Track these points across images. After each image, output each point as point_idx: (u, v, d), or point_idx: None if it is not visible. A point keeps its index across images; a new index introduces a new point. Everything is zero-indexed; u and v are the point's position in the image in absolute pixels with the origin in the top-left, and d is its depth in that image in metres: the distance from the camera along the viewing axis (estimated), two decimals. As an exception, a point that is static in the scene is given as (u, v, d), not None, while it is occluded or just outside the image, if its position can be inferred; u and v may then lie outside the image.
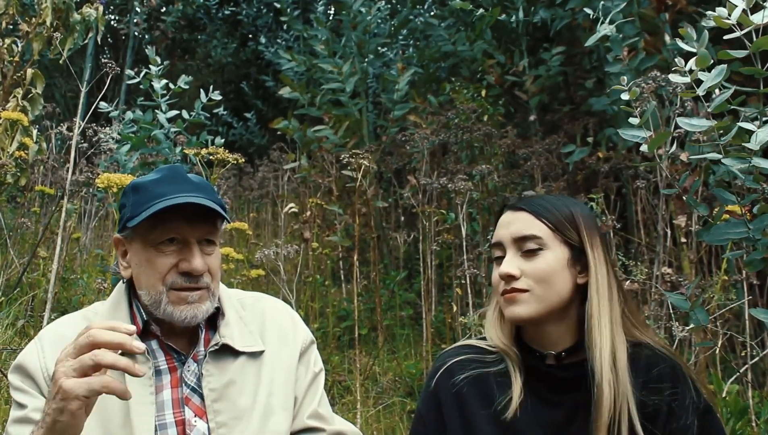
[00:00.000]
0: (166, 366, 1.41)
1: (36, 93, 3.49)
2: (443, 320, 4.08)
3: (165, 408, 1.37)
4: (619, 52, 3.84)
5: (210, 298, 1.41)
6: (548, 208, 1.38)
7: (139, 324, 1.41)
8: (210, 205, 1.36)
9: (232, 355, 1.44)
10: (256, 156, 8.12)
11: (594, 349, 1.31)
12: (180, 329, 1.43)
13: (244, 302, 1.55)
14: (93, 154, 4.74)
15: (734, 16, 1.61)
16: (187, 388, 1.40)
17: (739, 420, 2.60)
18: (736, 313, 3.14)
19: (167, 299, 1.37)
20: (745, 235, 1.71)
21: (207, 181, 1.48)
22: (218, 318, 1.47)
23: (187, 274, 1.37)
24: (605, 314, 1.32)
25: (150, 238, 1.38)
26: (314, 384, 1.54)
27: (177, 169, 1.45)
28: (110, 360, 1.08)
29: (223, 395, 1.40)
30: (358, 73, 5.70)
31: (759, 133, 1.57)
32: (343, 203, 5.27)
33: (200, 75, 9.47)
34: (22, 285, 3.59)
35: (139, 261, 1.40)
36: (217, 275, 1.45)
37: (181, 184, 1.39)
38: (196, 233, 1.39)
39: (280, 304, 1.62)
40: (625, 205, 4.65)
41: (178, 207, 1.34)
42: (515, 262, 1.37)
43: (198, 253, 1.38)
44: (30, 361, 1.36)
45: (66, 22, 3.55)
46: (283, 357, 1.50)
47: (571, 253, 1.36)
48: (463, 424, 1.39)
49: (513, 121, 5.61)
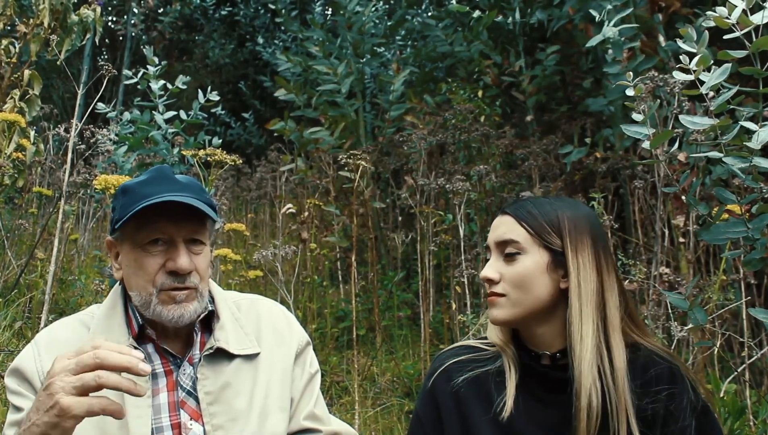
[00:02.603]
0: (162, 369, 1.41)
1: (33, 94, 3.48)
2: (441, 321, 4.08)
3: (161, 411, 1.37)
4: (620, 55, 3.84)
5: (198, 298, 1.40)
6: (532, 213, 1.37)
7: (135, 328, 1.41)
8: (194, 203, 1.35)
9: (227, 357, 1.44)
10: (254, 157, 8.12)
11: (573, 355, 1.30)
12: (175, 332, 1.43)
13: (240, 304, 1.55)
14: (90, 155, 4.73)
15: (734, 16, 1.61)
16: (183, 391, 1.40)
17: (737, 419, 2.61)
18: (734, 312, 3.14)
19: (157, 300, 1.37)
20: (744, 234, 1.72)
21: (196, 180, 1.47)
22: (213, 320, 1.47)
23: (173, 273, 1.37)
24: (588, 320, 1.31)
25: (137, 240, 1.38)
26: (310, 385, 1.54)
27: (164, 170, 1.44)
28: (114, 382, 1.06)
29: (218, 398, 1.40)
30: (354, 74, 5.70)
31: (760, 133, 1.57)
32: (340, 204, 5.26)
33: (198, 75, 9.46)
34: (20, 286, 3.59)
35: (129, 262, 1.40)
36: (206, 275, 1.44)
37: (168, 185, 1.39)
38: (181, 233, 1.38)
39: (276, 305, 1.62)
40: (623, 206, 4.65)
41: (164, 207, 1.34)
42: (496, 266, 1.38)
43: (184, 252, 1.38)
44: (26, 364, 1.36)
45: (63, 24, 3.54)
46: (278, 358, 1.50)
47: (551, 258, 1.35)
48: (461, 425, 1.39)
49: (510, 121, 5.61)
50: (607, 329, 1.33)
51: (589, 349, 1.29)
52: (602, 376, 1.30)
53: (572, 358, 1.30)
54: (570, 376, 1.30)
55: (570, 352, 1.31)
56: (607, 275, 1.36)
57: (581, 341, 1.30)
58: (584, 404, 1.27)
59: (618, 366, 1.30)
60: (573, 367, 1.30)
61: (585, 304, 1.32)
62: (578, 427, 1.28)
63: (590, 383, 1.28)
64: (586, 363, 1.29)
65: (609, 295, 1.35)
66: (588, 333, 1.30)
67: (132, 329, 1.41)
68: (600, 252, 1.37)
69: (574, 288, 1.33)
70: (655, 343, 1.41)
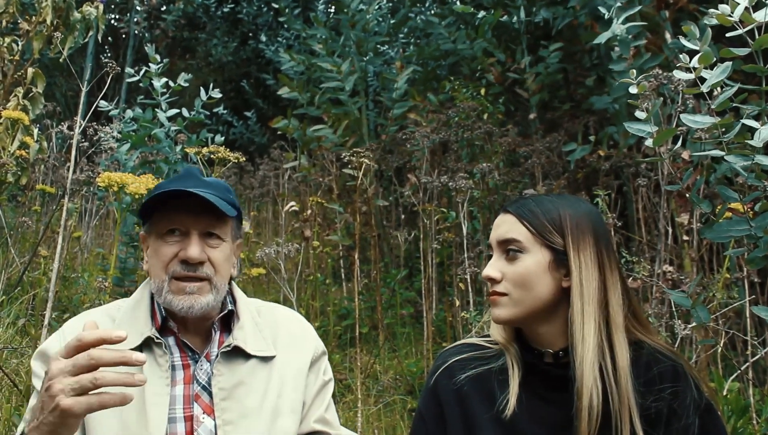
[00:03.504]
0: (180, 362, 1.46)
1: (37, 92, 3.48)
2: (444, 318, 4.07)
3: (176, 403, 1.42)
4: (627, 53, 3.84)
5: (212, 292, 1.46)
6: (533, 211, 1.37)
7: (158, 320, 1.47)
8: (209, 198, 1.41)
9: (244, 357, 1.49)
10: (256, 154, 8.12)
11: (575, 354, 1.30)
12: (195, 327, 1.50)
13: (261, 310, 1.62)
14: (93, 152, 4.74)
15: (737, 14, 1.61)
16: (198, 385, 1.45)
17: (740, 418, 2.60)
18: (737, 311, 3.13)
19: (168, 288, 1.44)
20: (747, 232, 1.71)
21: (223, 182, 1.56)
22: (233, 320, 1.53)
23: (185, 262, 1.44)
24: (590, 319, 1.30)
25: (158, 230, 1.47)
26: (323, 392, 1.59)
27: (192, 170, 1.55)
28: (111, 380, 1.09)
29: (231, 395, 1.44)
30: (357, 72, 5.69)
31: (762, 131, 1.57)
32: (343, 202, 5.26)
33: (200, 73, 9.46)
34: (23, 284, 3.59)
35: (151, 252, 1.49)
36: (222, 269, 1.49)
37: (192, 181, 1.48)
38: (198, 225, 1.46)
39: (295, 314, 1.68)
40: (626, 204, 4.65)
41: (184, 201, 1.42)
42: (498, 265, 1.38)
43: (197, 242, 1.45)
44: (52, 350, 1.41)
45: (66, 21, 3.54)
46: (293, 363, 1.55)
47: (553, 257, 1.34)
48: (463, 423, 1.39)
49: (513, 119, 5.60)
50: (609, 328, 1.32)
51: (591, 348, 1.29)
52: (604, 376, 1.30)
53: (574, 358, 1.30)
54: (571, 375, 1.30)
55: (571, 352, 1.31)
56: (609, 273, 1.35)
57: (583, 341, 1.30)
58: (585, 404, 1.27)
59: (621, 365, 1.30)
60: (574, 367, 1.29)
61: (587, 303, 1.31)
62: (579, 427, 1.28)
63: (591, 383, 1.27)
64: (588, 362, 1.28)
65: (611, 294, 1.34)
66: (590, 332, 1.30)
67: (156, 321, 1.48)
68: (602, 250, 1.36)
69: (575, 287, 1.32)
70: (659, 341, 1.40)
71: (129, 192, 2.76)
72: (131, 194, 2.77)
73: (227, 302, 1.54)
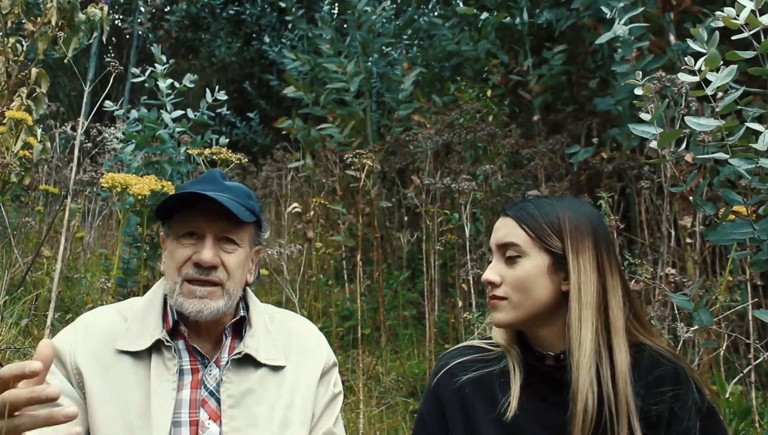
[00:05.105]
0: (189, 367, 1.45)
1: (40, 92, 3.49)
2: (446, 320, 4.07)
3: (182, 407, 1.41)
4: (629, 54, 3.83)
5: (224, 297, 1.45)
6: (532, 215, 1.37)
7: (170, 323, 1.47)
8: (225, 202, 1.41)
9: (254, 365, 1.48)
10: (259, 155, 8.12)
11: (572, 359, 1.30)
12: (206, 332, 1.49)
13: (274, 317, 1.60)
14: (97, 153, 4.75)
15: (743, 17, 1.60)
16: (206, 391, 1.44)
17: (742, 421, 2.60)
18: (740, 314, 3.13)
19: (179, 290, 1.44)
20: (750, 235, 1.71)
21: (244, 187, 1.56)
22: (245, 327, 1.52)
23: (198, 265, 1.44)
24: (587, 324, 1.30)
25: (175, 232, 1.48)
26: (332, 404, 1.57)
27: (214, 174, 1.55)
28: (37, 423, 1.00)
29: (239, 402, 1.43)
30: (362, 73, 5.70)
31: (766, 134, 1.57)
32: (346, 203, 5.26)
33: (204, 74, 9.47)
34: (26, 284, 3.60)
35: (167, 253, 1.50)
36: (236, 275, 1.48)
37: (212, 185, 1.49)
38: (213, 229, 1.46)
39: (308, 323, 1.67)
40: (629, 206, 4.64)
41: (201, 205, 1.42)
42: (498, 268, 1.38)
43: (210, 246, 1.45)
44: (62, 345, 1.42)
45: (71, 22, 3.55)
46: (304, 374, 1.53)
47: (552, 261, 1.34)
48: (465, 424, 1.39)
49: (517, 121, 5.60)
50: (609, 331, 1.32)
51: (588, 353, 1.29)
52: (601, 380, 1.29)
53: (570, 362, 1.30)
54: (568, 379, 1.30)
55: (568, 356, 1.31)
56: (609, 276, 1.35)
57: (579, 346, 1.30)
58: (580, 408, 1.27)
59: (619, 369, 1.30)
60: (571, 371, 1.29)
61: (585, 307, 1.31)
62: (573, 431, 1.28)
63: (587, 387, 1.27)
64: (584, 367, 1.28)
65: (611, 297, 1.34)
66: (587, 337, 1.30)
67: (167, 324, 1.47)
68: (602, 253, 1.36)
69: (574, 291, 1.32)
70: (661, 344, 1.40)
71: (132, 193, 2.77)
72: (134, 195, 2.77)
73: (240, 308, 1.53)
